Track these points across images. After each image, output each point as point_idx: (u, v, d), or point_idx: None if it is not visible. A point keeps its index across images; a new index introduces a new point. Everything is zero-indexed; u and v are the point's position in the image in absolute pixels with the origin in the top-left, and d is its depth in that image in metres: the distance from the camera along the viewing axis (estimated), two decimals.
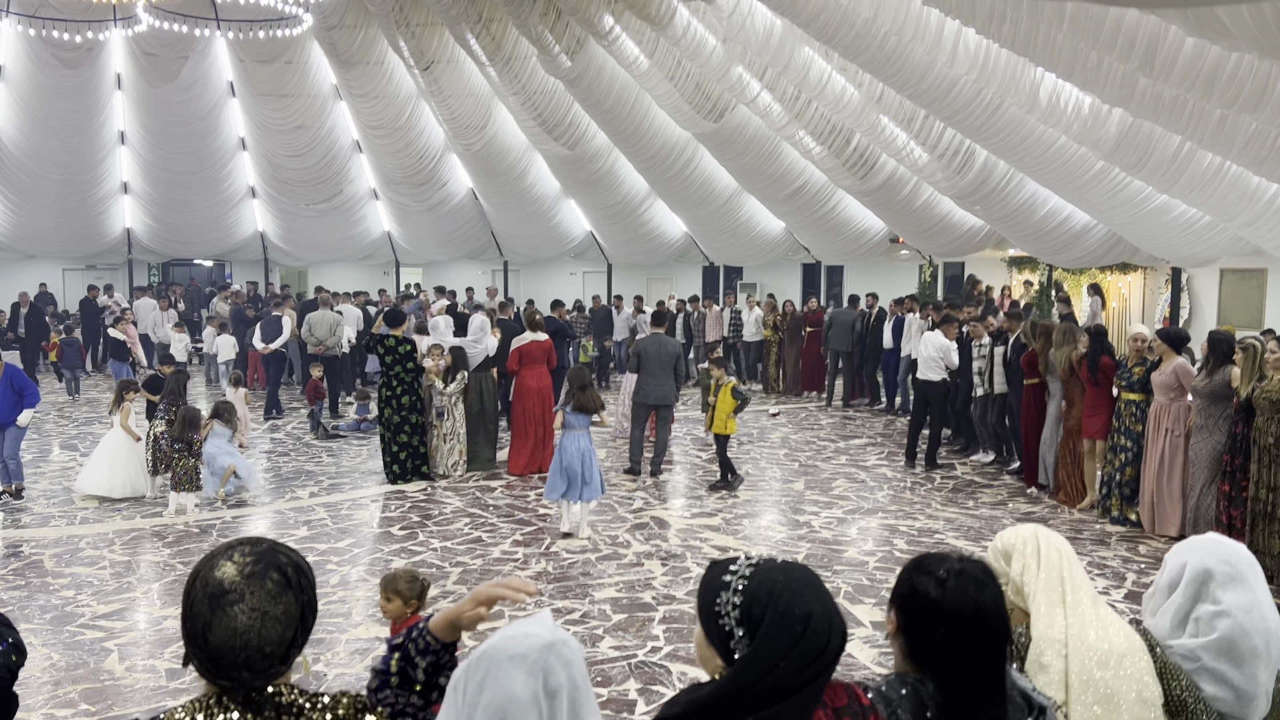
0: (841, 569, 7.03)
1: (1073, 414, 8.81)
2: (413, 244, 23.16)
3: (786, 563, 1.66)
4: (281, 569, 1.55)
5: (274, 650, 1.52)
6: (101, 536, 7.93)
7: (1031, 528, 2.35)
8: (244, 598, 1.51)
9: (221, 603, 1.50)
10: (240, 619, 1.50)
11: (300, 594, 1.56)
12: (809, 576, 1.64)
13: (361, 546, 7.66)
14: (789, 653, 1.55)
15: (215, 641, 1.50)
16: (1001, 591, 1.91)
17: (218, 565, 1.54)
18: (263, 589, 1.52)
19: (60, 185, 19.74)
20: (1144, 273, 16.79)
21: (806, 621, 1.57)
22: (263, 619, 1.51)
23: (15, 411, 8.73)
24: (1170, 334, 7.97)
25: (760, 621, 1.57)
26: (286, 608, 1.53)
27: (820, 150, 14.86)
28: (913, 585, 1.89)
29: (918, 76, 10.81)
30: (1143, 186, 11.53)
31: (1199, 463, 7.46)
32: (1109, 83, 8.90)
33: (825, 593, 1.62)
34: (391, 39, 17.04)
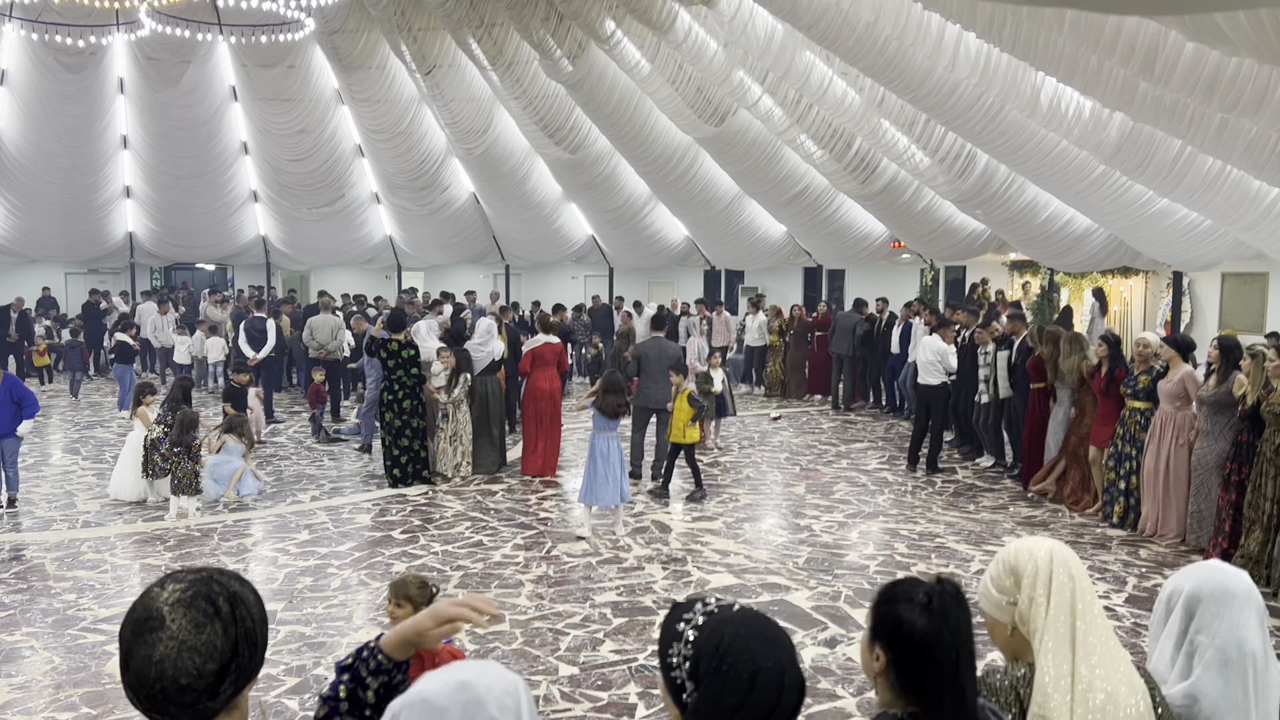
0: (842, 573, 7.03)
1: (1084, 422, 8.80)
2: (414, 248, 23.19)
3: (743, 611, 1.59)
4: (212, 599, 1.47)
5: (191, 683, 1.42)
6: (103, 540, 7.94)
7: (1045, 550, 2.15)
8: (164, 625, 1.43)
9: (143, 629, 1.44)
10: (157, 648, 1.42)
11: (232, 625, 1.46)
12: (764, 628, 1.56)
13: (362, 550, 7.66)
14: (736, 711, 1.49)
15: (134, 669, 1.43)
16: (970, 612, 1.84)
17: (153, 591, 1.48)
18: (185, 617, 1.44)
19: (63, 189, 19.79)
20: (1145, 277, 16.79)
21: (753, 679, 1.50)
22: (180, 648, 1.42)
23: (15, 422, 8.67)
24: (1178, 340, 7.94)
25: (705, 677, 1.52)
26: (210, 639, 1.44)
27: (822, 154, 14.88)
28: (897, 617, 1.81)
29: (919, 81, 10.83)
30: (1144, 190, 11.54)
31: (1203, 469, 7.44)
32: (1110, 87, 8.91)
33: (782, 645, 1.55)
34: (393, 43, 17.07)
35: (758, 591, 6.62)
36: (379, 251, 23.44)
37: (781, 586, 6.74)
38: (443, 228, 22.21)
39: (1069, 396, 9.09)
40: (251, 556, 7.49)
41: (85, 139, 19.09)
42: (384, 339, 9.95)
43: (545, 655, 5.55)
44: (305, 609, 6.30)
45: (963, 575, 6.95)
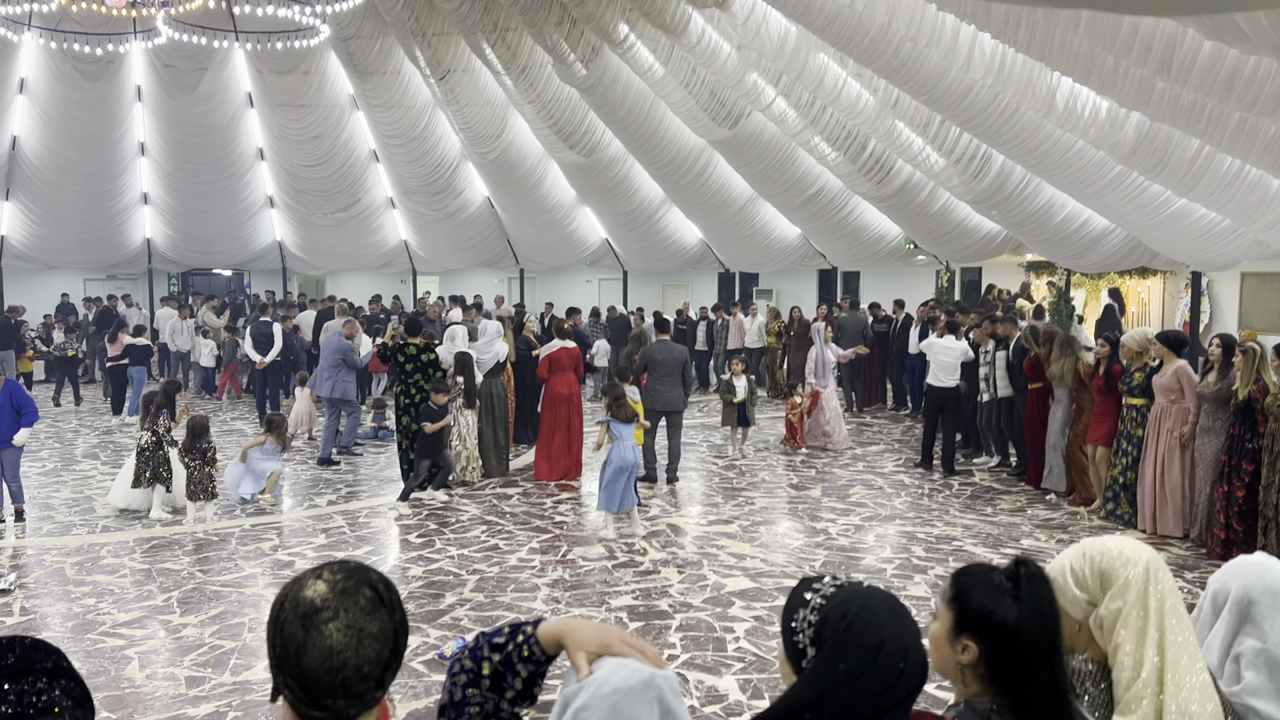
0: (859, 576, 6.98)
1: (1082, 420, 8.91)
2: (429, 252, 23.26)
3: (872, 587, 1.60)
4: (373, 585, 1.47)
5: (371, 671, 1.42)
6: (122, 545, 7.99)
7: (1141, 563, 1.99)
8: (338, 615, 1.41)
9: (315, 621, 1.41)
10: (335, 637, 1.40)
11: (393, 612, 1.47)
12: (891, 604, 1.57)
13: (379, 554, 7.68)
14: (854, 680, 1.49)
15: (310, 664, 1.39)
16: (1055, 595, 1.79)
17: (307, 585, 1.45)
18: (356, 605, 1.43)
19: (81, 196, 19.96)
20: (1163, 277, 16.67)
21: (878, 650, 1.50)
22: (359, 636, 1.41)
23: (14, 430, 8.32)
24: (1170, 337, 8.09)
25: (829, 642, 1.53)
26: (381, 625, 1.44)
27: (836, 156, 14.84)
28: (986, 607, 1.75)
29: (933, 81, 10.79)
30: (1161, 190, 11.46)
31: (1204, 464, 7.57)
32: (1126, 86, 8.86)
33: (908, 624, 1.55)
34: (408, 49, 17.14)
35: (774, 595, 6.60)
36: (394, 256, 23.53)
37: None
38: (457, 232, 22.28)
39: (1067, 395, 9.17)
40: (269, 560, 7.52)
41: (103, 146, 19.25)
42: (401, 343, 9.96)
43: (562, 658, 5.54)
44: None
45: None
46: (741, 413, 11.40)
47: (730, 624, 6.09)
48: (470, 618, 6.22)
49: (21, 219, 20.51)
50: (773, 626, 6.03)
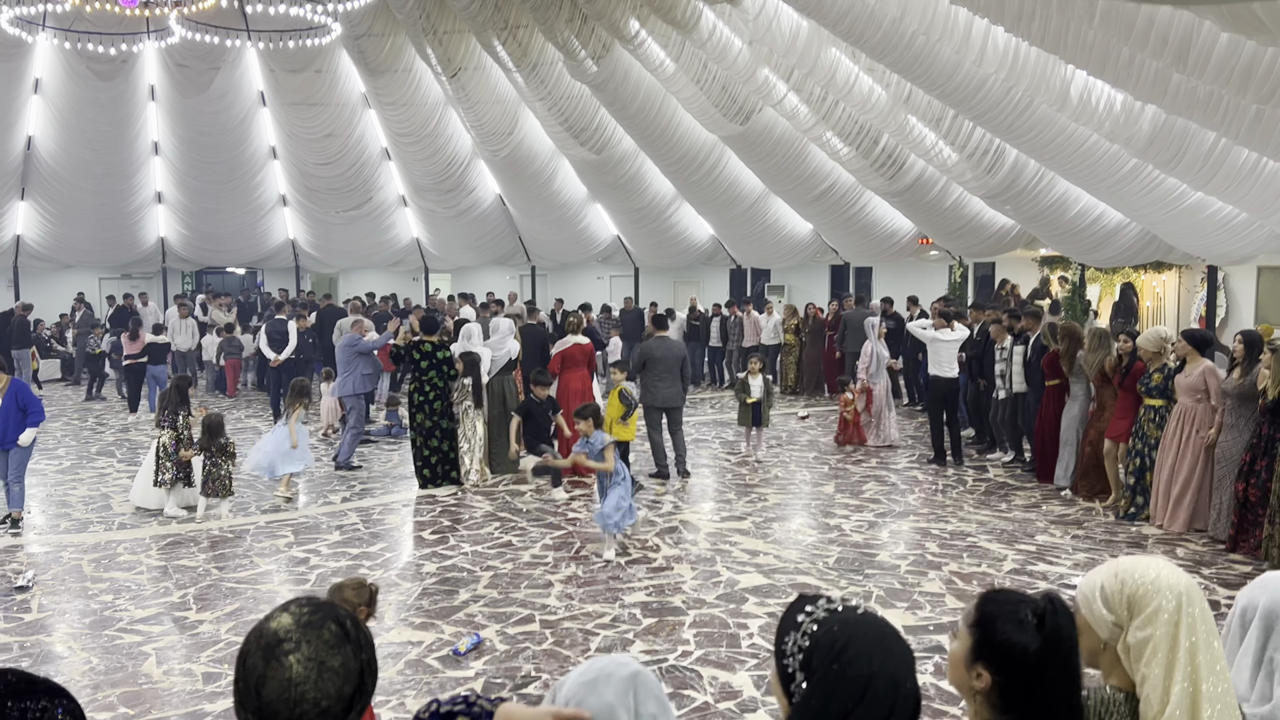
0: (873, 573, 6.98)
1: (1104, 417, 8.82)
2: (441, 250, 23.31)
3: (866, 615, 1.56)
4: (340, 621, 1.45)
5: (331, 706, 1.40)
6: (139, 542, 8.04)
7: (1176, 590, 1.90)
8: (299, 647, 1.40)
9: (276, 652, 1.40)
10: (295, 669, 1.38)
11: (359, 650, 1.45)
12: (884, 636, 1.53)
13: (393, 551, 7.70)
14: (846, 715, 1.46)
15: (268, 695, 1.38)
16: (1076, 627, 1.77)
17: (274, 618, 1.45)
18: (319, 638, 1.42)
19: (96, 196, 20.07)
20: (1179, 271, 16.55)
21: (867, 684, 1.46)
22: (319, 669, 1.39)
23: (20, 430, 8.22)
24: (1195, 336, 7.93)
25: (817, 672, 1.50)
26: (345, 661, 1.42)
27: (848, 151, 14.80)
28: (1008, 640, 1.72)
29: (946, 76, 10.74)
30: (1177, 184, 11.38)
31: (1227, 461, 7.49)
32: (1141, 79, 8.79)
33: (901, 657, 1.51)
34: (419, 46, 17.17)
35: (787, 592, 6.59)
36: (406, 254, 23.59)
37: (811, 587, 6.70)
38: (469, 229, 22.32)
39: (1084, 392, 9.12)
40: (284, 557, 7.55)
41: (117, 146, 19.35)
42: (417, 340, 9.98)
43: (575, 655, 5.55)
44: None
45: (995, 575, 6.88)
46: (756, 413, 11.23)
47: (744, 620, 6.08)
48: (484, 614, 6.23)
49: (37, 218, 20.64)
50: None
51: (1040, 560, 7.22)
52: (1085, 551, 7.43)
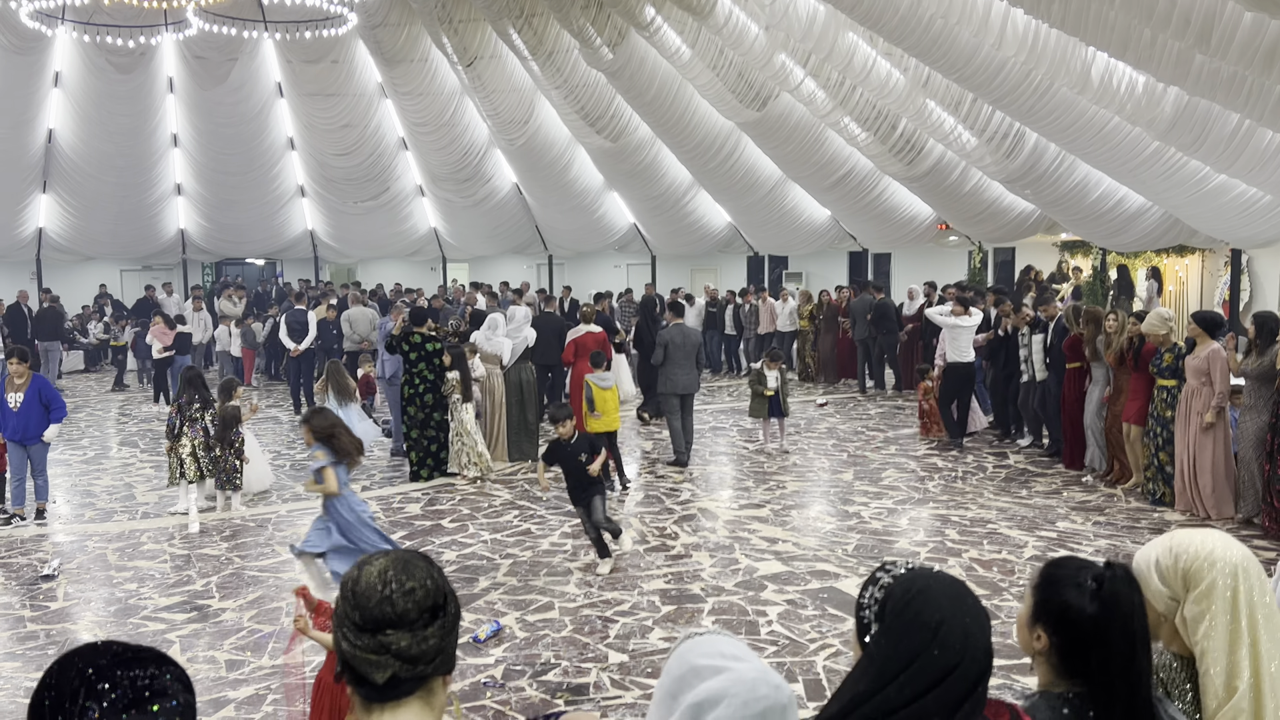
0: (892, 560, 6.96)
1: (1120, 399, 8.88)
2: (459, 239, 23.36)
3: (941, 572, 1.62)
4: (418, 554, 1.60)
5: (422, 598, 1.52)
6: (162, 531, 8.12)
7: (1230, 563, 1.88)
8: (373, 561, 1.56)
9: (363, 564, 1.56)
10: (381, 564, 1.54)
11: (437, 573, 1.57)
12: (956, 588, 1.57)
13: (414, 539, 7.75)
14: (911, 661, 1.49)
15: (361, 588, 1.51)
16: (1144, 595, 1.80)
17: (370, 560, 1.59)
18: (398, 559, 1.57)
19: (116, 188, 20.24)
20: (1202, 255, 16.36)
21: (936, 630, 1.50)
22: (405, 567, 1.54)
23: (43, 426, 8.23)
24: (1205, 317, 7.97)
25: (890, 618, 1.55)
26: (422, 574, 1.55)
27: (866, 136, 14.70)
28: (1064, 602, 1.78)
29: (965, 59, 10.64)
30: (1200, 166, 11.24)
31: (1246, 442, 7.52)
32: (1164, 61, 8.68)
33: (973, 610, 1.54)
34: (435, 36, 17.17)
35: (806, 579, 6.58)
36: (424, 244, 23.66)
37: (830, 574, 6.69)
38: (486, 219, 22.35)
39: (1104, 376, 9.14)
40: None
41: (137, 138, 19.49)
42: (406, 332, 9.82)
43: (595, 643, 5.57)
44: None
45: (1016, 561, 6.85)
46: (775, 404, 10.93)
47: (762, 607, 6.08)
48: (504, 601, 6.26)
49: (59, 211, 20.83)
50: (804, 610, 6.02)
51: (1061, 547, 7.18)
52: (1107, 538, 7.39)
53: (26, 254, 21.33)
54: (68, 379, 18.54)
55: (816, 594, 6.29)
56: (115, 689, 1.38)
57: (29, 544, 7.79)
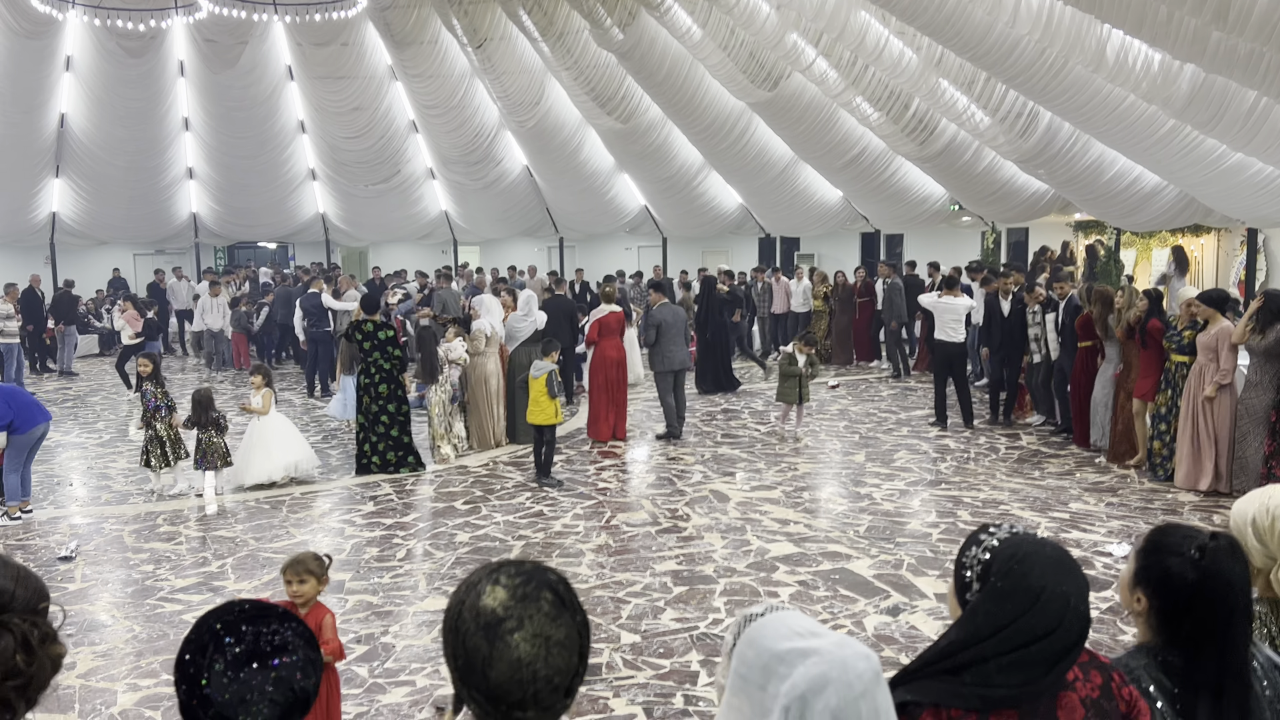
0: (904, 541, 6.97)
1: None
2: (470, 222, 23.35)
3: (1045, 539, 1.68)
4: (554, 587, 1.40)
5: (561, 681, 1.36)
6: (177, 513, 8.19)
7: None
8: (522, 624, 1.34)
9: (498, 632, 1.33)
10: (522, 648, 1.33)
11: (575, 613, 1.40)
12: (1060, 555, 1.64)
13: (426, 521, 7.79)
14: (1012, 621, 1.56)
15: (498, 677, 1.33)
16: (1248, 563, 1.86)
17: (485, 592, 1.38)
18: (539, 611, 1.36)
19: (128, 172, 20.30)
20: (1218, 234, 16.23)
21: (1038, 594, 1.57)
22: (546, 645, 1.34)
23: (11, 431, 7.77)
24: (1212, 296, 8.12)
25: (993, 579, 1.61)
26: (567, 631, 1.37)
27: (878, 116, 14.60)
28: (1166, 569, 1.84)
29: (978, 38, 10.54)
30: (1216, 145, 11.13)
31: (1249, 417, 7.63)
32: (1180, 38, 8.58)
33: (1076, 578, 1.61)
34: (444, 17, 17.11)
35: (818, 560, 6.59)
36: (435, 227, 23.66)
37: (843, 555, 6.70)
38: (497, 201, 22.33)
39: (1117, 354, 9.21)
40: (318, 528, 7.66)
41: (148, 122, 19.53)
42: (360, 321, 9.41)
43: (607, 623, 5.60)
44: (372, 579, 6.44)
45: None
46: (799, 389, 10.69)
47: (775, 588, 6.10)
48: None
49: (72, 195, 20.92)
50: (817, 591, 6.03)
51: (1074, 528, 7.17)
52: (1119, 519, 7.37)
53: (40, 238, 21.44)
54: (82, 363, 18.66)
55: (828, 575, 6.31)
56: (240, 643, 1.45)
57: (47, 526, 7.87)
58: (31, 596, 1.47)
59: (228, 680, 1.43)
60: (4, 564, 1.48)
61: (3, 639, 1.39)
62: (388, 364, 9.30)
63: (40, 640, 1.43)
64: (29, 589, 1.47)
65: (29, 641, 1.41)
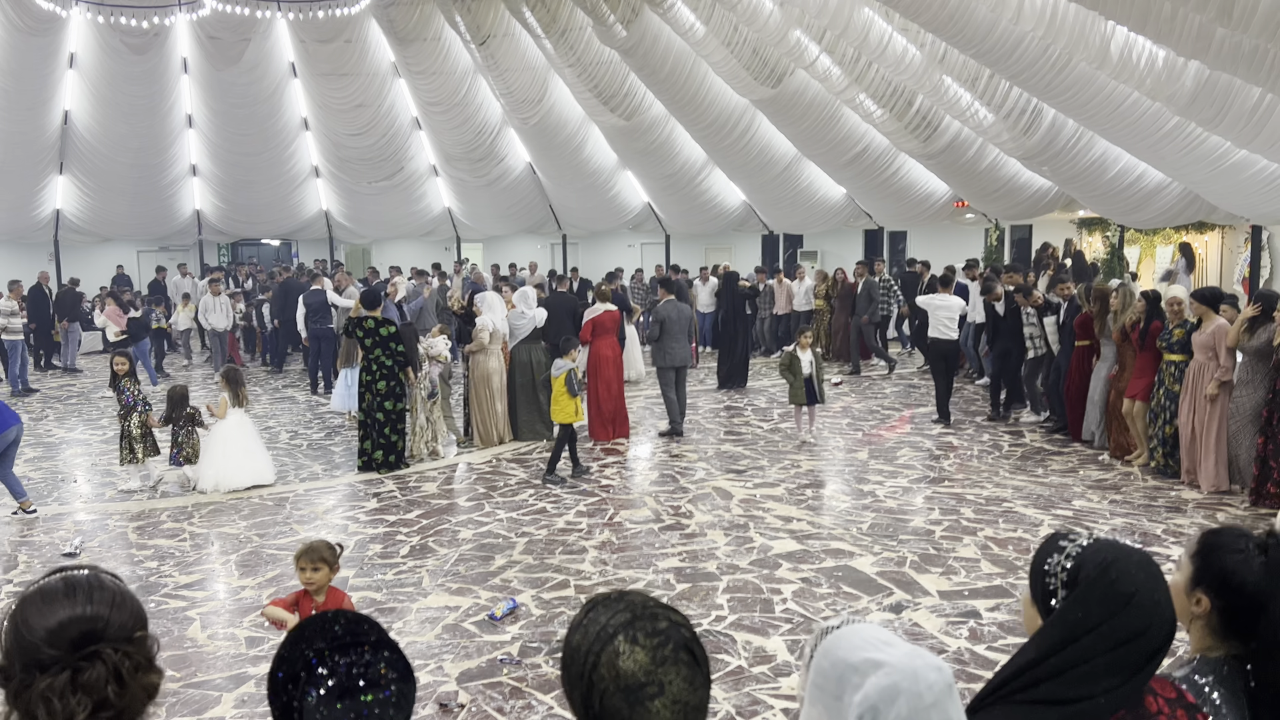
0: (907, 538, 6.97)
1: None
2: (473, 219, 23.35)
3: (1126, 544, 1.69)
4: (689, 646, 1.38)
5: None
6: (181, 510, 8.21)
7: None
8: (663, 690, 1.33)
9: (639, 697, 1.32)
10: (663, 715, 1.32)
11: (704, 668, 1.39)
12: (1147, 560, 1.65)
13: (430, 518, 7.80)
14: (1100, 625, 1.57)
15: None
16: None
17: (623, 651, 1.35)
18: (679, 675, 1.34)
19: (132, 169, 20.30)
20: (1222, 231, 16.20)
21: (1129, 599, 1.58)
22: (685, 711, 1.33)
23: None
24: (1205, 295, 8.18)
25: (1083, 585, 1.62)
26: (701, 693, 1.36)
27: (881, 113, 14.58)
28: (1226, 566, 1.85)
29: (982, 34, 10.52)
30: (1220, 142, 11.10)
31: (1241, 416, 7.68)
32: (1184, 34, 8.56)
33: (1160, 581, 1.62)
34: (448, 14, 17.10)
35: (821, 558, 6.60)
36: (438, 224, 23.66)
37: (845, 552, 6.71)
38: (500, 198, 22.32)
39: (1113, 353, 9.28)
40: (322, 524, 7.68)
41: (152, 119, 19.53)
42: (360, 317, 9.34)
43: None
44: (375, 575, 6.45)
45: (1031, 540, 6.84)
46: (810, 389, 10.25)
47: (778, 585, 6.10)
48: (520, 579, 6.30)
49: (76, 193, 20.93)
50: (819, 588, 6.04)
51: (1078, 525, 7.17)
52: (1123, 516, 7.37)
53: (44, 235, 21.46)
54: (85, 359, 18.70)
55: (831, 572, 6.31)
56: (332, 676, 1.40)
57: (50, 523, 7.89)
58: (128, 621, 1.44)
59: (321, 716, 1.39)
60: (101, 588, 1.45)
61: (95, 669, 1.37)
62: (389, 361, 9.27)
63: (133, 670, 1.41)
64: (124, 615, 1.44)
65: (120, 672, 1.39)
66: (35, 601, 1.41)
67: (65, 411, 13.28)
